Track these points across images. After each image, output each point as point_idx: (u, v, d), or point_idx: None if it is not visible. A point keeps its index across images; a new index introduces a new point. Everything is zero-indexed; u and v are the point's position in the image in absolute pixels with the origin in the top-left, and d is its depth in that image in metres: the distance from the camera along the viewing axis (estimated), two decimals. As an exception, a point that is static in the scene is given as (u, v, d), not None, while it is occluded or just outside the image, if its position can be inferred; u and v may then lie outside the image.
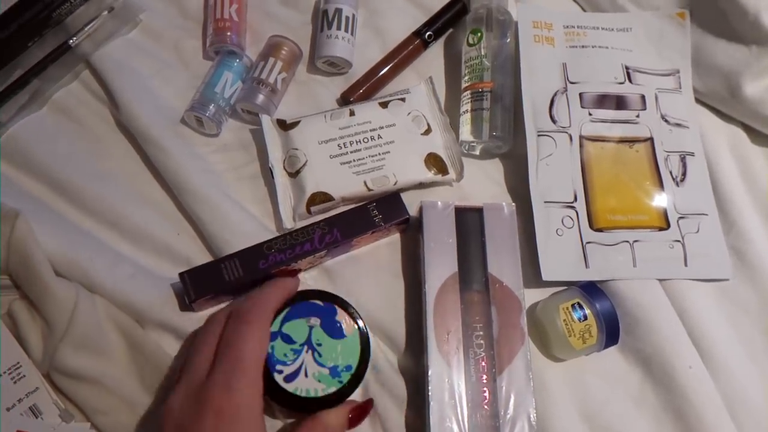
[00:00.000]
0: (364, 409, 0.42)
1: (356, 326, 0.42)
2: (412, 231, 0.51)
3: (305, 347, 0.40)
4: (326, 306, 0.42)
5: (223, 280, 0.44)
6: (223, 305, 0.47)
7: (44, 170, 0.51)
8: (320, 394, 0.39)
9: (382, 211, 0.48)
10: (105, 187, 0.51)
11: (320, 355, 0.40)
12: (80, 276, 0.46)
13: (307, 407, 0.40)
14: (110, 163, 0.53)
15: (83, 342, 0.44)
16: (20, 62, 0.53)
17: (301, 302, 0.42)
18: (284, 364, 0.40)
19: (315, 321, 0.41)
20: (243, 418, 0.36)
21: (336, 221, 0.48)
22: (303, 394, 0.39)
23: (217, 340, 0.39)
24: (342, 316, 0.42)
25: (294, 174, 0.51)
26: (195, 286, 0.44)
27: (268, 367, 0.40)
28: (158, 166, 0.51)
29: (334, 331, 0.41)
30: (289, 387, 0.39)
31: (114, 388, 0.44)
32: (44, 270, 0.45)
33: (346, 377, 0.40)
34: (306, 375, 0.40)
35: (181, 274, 0.45)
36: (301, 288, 0.45)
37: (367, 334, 0.43)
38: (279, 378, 0.40)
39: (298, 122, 0.52)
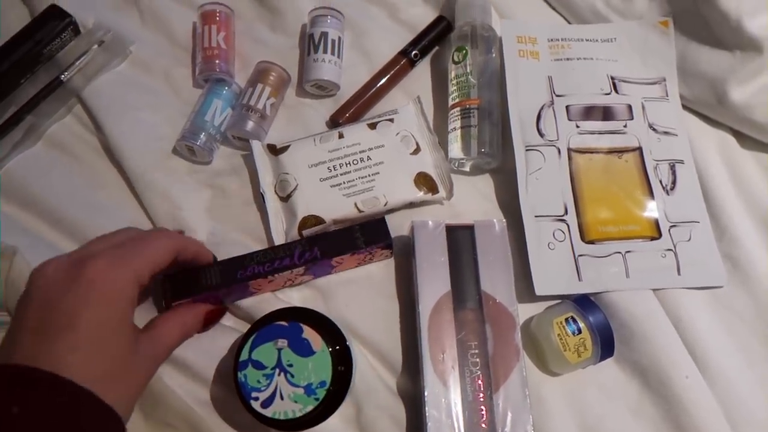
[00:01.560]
0: (215, 313, 0.47)
1: (323, 341, 0.41)
2: (404, 251, 0.52)
3: (276, 370, 0.41)
4: (291, 326, 0.42)
5: (200, 284, 0.45)
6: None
7: (40, 204, 0.52)
8: (298, 414, 0.40)
9: (366, 234, 0.48)
10: (100, 218, 0.51)
11: (293, 376, 0.40)
12: (78, 309, 0.47)
13: (288, 427, 0.41)
14: (104, 193, 0.53)
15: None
16: (13, 99, 0.54)
17: (266, 326, 0.42)
18: (258, 390, 0.40)
19: (282, 343, 0.41)
20: (114, 299, 0.35)
21: (317, 240, 0.48)
22: (282, 417, 0.40)
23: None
24: (308, 333, 0.42)
25: (285, 198, 0.52)
26: (174, 288, 0.45)
27: (244, 395, 0.40)
28: (146, 204, 0.52)
29: (303, 349, 0.41)
30: (267, 412, 0.40)
31: None
32: (42, 306, 0.45)
33: (321, 393, 0.40)
34: (282, 398, 0.40)
35: (161, 278, 0.46)
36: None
37: (343, 343, 0.43)
38: (256, 405, 0.40)
39: (288, 146, 0.53)
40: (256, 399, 0.40)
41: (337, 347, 0.43)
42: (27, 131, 0.54)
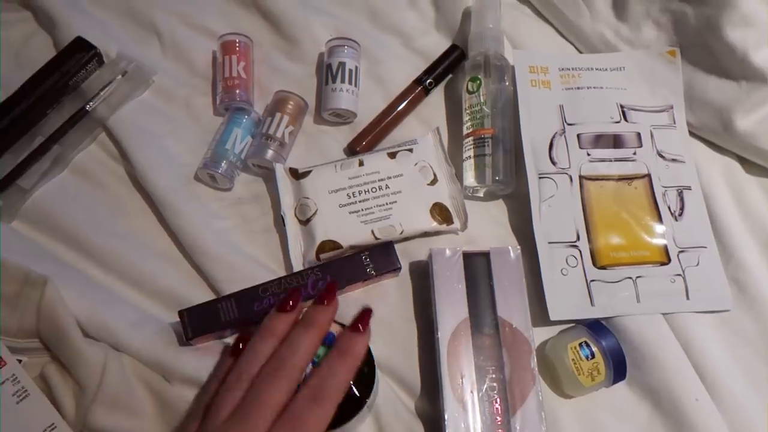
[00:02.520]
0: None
1: None
2: (421, 275, 0.53)
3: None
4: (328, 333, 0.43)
5: (219, 320, 0.47)
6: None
7: (67, 232, 0.53)
8: None
9: (374, 261, 0.50)
10: (126, 246, 0.53)
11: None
12: (107, 336, 0.48)
13: None
14: (130, 221, 0.55)
15: (114, 401, 0.46)
16: (40, 129, 0.56)
17: None
18: None
19: None
20: None
21: (330, 268, 0.50)
22: None
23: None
24: (333, 327, 0.43)
25: (305, 222, 0.53)
26: (192, 324, 0.47)
27: None
28: (171, 227, 0.53)
29: (327, 339, 0.42)
30: None
31: None
32: (73, 333, 0.47)
33: None
34: None
35: (180, 312, 0.47)
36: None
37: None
38: None
39: (310, 171, 0.55)
40: None
41: None
42: (54, 160, 0.55)
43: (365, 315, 0.41)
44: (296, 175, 0.55)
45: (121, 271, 0.52)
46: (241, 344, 0.42)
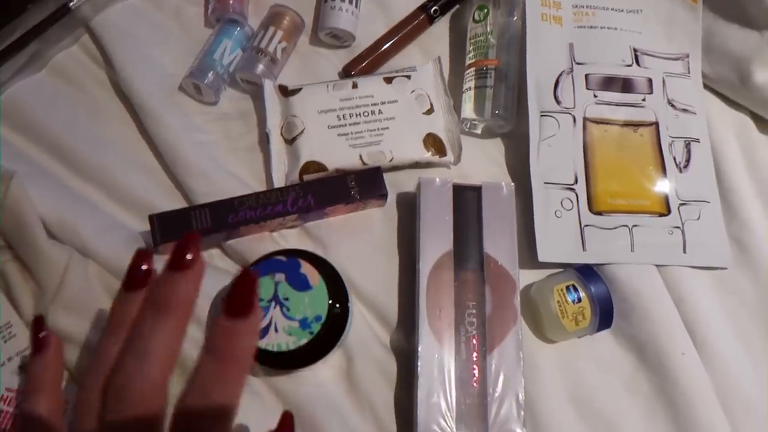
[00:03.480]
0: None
1: (320, 276, 0.41)
2: (408, 208, 0.51)
3: (273, 303, 0.40)
4: (290, 261, 0.41)
5: (191, 228, 0.45)
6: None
7: (41, 132, 0.51)
8: (292, 346, 0.39)
9: (361, 185, 0.48)
10: (101, 152, 0.51)
11: (288, 309, 0.40)
12: (73, 239, 0.46)
13: (281, 361, 0.41)
14: (107, 127, 0.52)
15: (73, 304, 0.44)
16: (19, 23, 0.53)
17: (265, 260, 0.42)
18: None
19: (280, 276, 0.41)
20: None
21: (312, 187, 0.47)
22: (275, 349, 0.39)
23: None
24: (306, 269, 0.41)
25: (290, 141, 0.51)
26: (162, 230, 0.45)
27: None
28: (152, 136, 0.51)
29: (300, 283, 0.41)
30: (261, 344, 0.39)
31: None
32: (37, 232, 0.45)
33: (316, 328, 0.40)
34: (276, 330, 0.40)
35: (150, 217, 0.45)
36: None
37: (339, 280, 0.43)
38: None
39: (300, 90, 0.52)
40: None
41: (335, 286, 0.42)
42: (31, 57, 0.52)
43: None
44: (285, 92, 0.52)
45: (95, 176, 0.50)
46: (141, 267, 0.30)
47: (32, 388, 0.31)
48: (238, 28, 0.54)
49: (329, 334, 0.41)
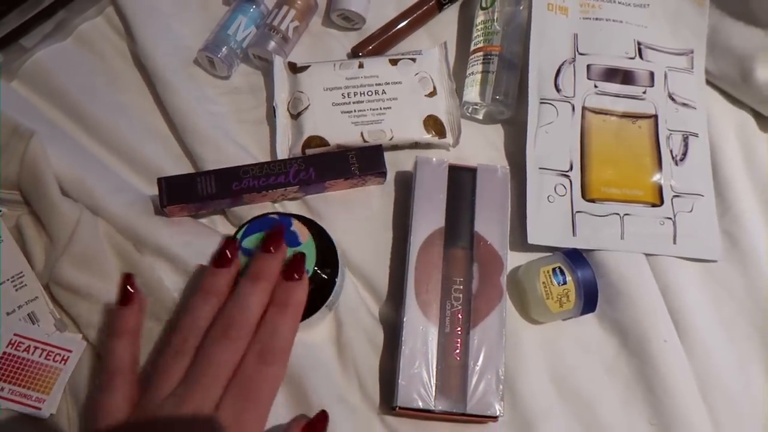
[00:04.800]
0: (315, 427, 0.39)
1: (310, 235, 0.42)
2: (405, 187, 0.52)
3: None
4: (282, 218, 0.42)
5: (196, 193, 0.47)
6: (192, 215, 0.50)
7: (62, 96, 0.53)
8: None
9: (361, 161, 0.50)
10: (118, 118, 0.53)
11: None
12: (86, 198, 0.48)
13: None
14: (125, 96, 0.55)
15: (82, 259, 0.46)
16: (49, -8, 0.56)
17: (259, 217, 0.43)
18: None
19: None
20: None
21: (313, 161, 0.49)
22: None
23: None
24: (297, 226, 0.42)
25: (295, 116, 0.52)
26: (169, 192, 0.47)
27: None
28: (166, 105, 0.53)
29: (290, 240, 0.41)
30: None
31: (107, 306, 0.46)
32: (52, 188, 0.47)
33: None
34: None
35: (158, 179, 0.47)
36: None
37: (331, 245, 0.45)
38: None
39: (308, 67, 0.54)
40: None
41: (325, 249, 0.43)
42: (57, 25, 0.55)
43: (298, 261, 0.39)
44: (294, 69, 0.54)
45: (110, 141, 0.53)
46: (228, 251, 0.39)
47: (118, 332, 0.39)
48: (254, 6, 0.56)
49: (316, 291, 0.42)
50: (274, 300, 0.37)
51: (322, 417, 0.39)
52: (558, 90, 0.53)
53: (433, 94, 0.54)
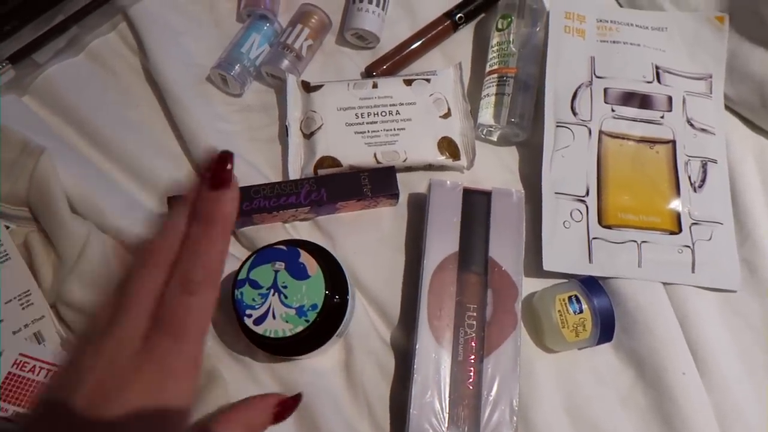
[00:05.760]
0: (288, 405, 0.35)
1: (318, 266, 0.41)
2: (418, 209, 0.52)
3: (272, 291, 0.41)
4: (290, 250, 0.42)
5: None
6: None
7: (73, 113, 0.53)
8: (288, 333, 0.40)
9: (373, 183, 0.49)
10: (128, 135, 0.53)
11: (286, 297, 0.41)
12: (95, 215, 0.48)
13: (279, 347, 0.43)
14: (136, 113, 0.54)
15: (90, 278, 0.46)
16: (62, 8, 0.55)
17: (266, 249, 0.43)
18: (253, 308, 0.41)
19: (280, 265, 0.42)
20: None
21: (325, 182, 0.49)
22: (272, 335, 0.40)
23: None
24: (305, 258, 0.42)
25: (308, 135, 0.52)
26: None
27: (239, 312, 0.41)
28: (177, 122, 0.53)
29: (298, 272, 0.41)
30: (259, 329, 0.40)
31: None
32: (61, 206, 0.47)
33: (312, 316, 0.40)
34: (274, 317, 0.41)
35: (168, 198, 0.47)
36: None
37: (341, 272, 0.44)
38: (249, 322, 0.41)
39: (322, 86, 0.53)
40: (250, 316, 0.41)
41: (334, 277, 0.43)
42: (71, 41, 0.55)
43: (224, 162, 0.27)
44: (307, 88, 0.54)
45: (120, 158, 0.52)
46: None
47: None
48: (268, 24, 0.56)
49: (326, 323, 0.42)
50: (195, 214, 0.27)
51: (296, 398, 0.35)
52: (574, 113, 0.53)
53: (447, 115, 0.53)
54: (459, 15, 0.57)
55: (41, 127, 0.52)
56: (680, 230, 0.50)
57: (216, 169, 0.27)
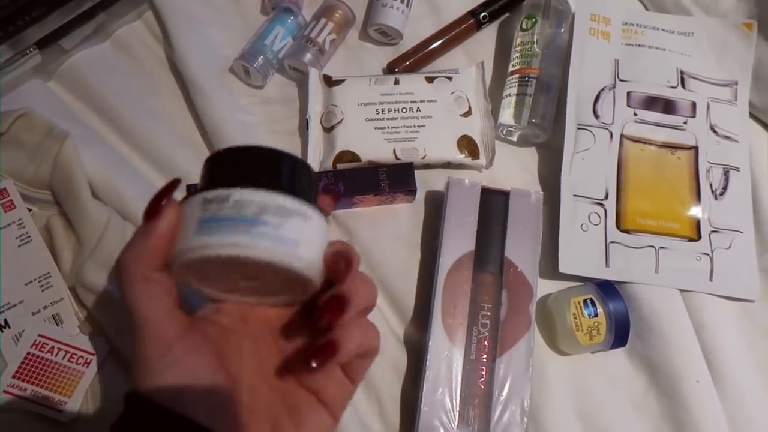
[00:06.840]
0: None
1: None
2: (436, 206, 0.52)
3: None
4: None
5: None
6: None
7: (98, 99, 0.54)
8: None
9: (391, 178, 0.49)
10: (151, 123, 0.53)
11: None
12: (116, 201, 0.48)
13: None
14: (160, 101, 0.55)
15: (109, 262, 0.46)
16: (90, -5, 0.56)
17: None
18: None
19: None
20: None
21: (343, 175, 0.49)
22: None
23: None
24: None
25: (328, 129, 0.52)
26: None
27: None
28: (199, 112, 0.53)
29: None
30: None
31: None
32: (83, 191, 0.47)
33: None
34: None
35: (188, 186, 0.47)
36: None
37: None
38: None
39: (343, 81, 0.53)
40: None
41: None
42: (97, 28, 0.55)
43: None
44: (329, 82, 0.54)
45: (142, 145, 0.53)
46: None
47: None
48: (292, 17, 0.56)
49: None
50: None
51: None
52: (596, 116, 0.52)
53: (468, 114, 0.53)
54: (483, 14, 0.57)
55: (66, 112, 0.53)
56: (699, 237, 0.50)
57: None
